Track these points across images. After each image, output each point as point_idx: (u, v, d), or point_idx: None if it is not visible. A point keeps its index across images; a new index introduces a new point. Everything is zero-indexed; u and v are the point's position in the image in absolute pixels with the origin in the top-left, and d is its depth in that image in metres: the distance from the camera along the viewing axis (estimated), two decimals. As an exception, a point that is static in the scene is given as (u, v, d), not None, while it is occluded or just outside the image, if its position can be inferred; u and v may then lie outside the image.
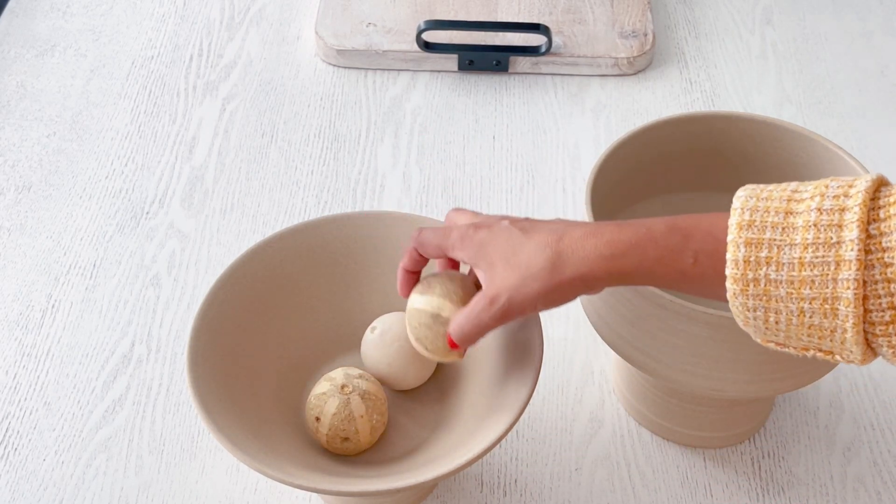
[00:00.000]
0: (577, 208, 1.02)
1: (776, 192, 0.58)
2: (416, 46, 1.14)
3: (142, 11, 1.24)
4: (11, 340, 0.91)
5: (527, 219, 0.68)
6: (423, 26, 1.12)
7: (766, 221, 0.57)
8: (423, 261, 0.73)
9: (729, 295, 0.58)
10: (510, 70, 1.16)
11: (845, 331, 0.56)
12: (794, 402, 0.87)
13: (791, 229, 0.56)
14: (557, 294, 0.64)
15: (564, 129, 1.10)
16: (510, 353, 0.76)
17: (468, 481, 0.82)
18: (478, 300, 0.67)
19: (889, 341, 0.56)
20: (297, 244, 0.82)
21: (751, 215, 0.58)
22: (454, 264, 0.75)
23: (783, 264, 0.56)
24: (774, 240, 0.57)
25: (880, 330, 0.56)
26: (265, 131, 1.10)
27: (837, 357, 0.59)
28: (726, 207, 0.60)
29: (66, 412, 0.86)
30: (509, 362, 0.75)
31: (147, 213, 1.02)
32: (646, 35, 1.16)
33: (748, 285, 0.57)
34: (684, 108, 1.12)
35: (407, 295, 0.73)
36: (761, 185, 0.60)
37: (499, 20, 1.19)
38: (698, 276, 0.61)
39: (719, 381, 0.74)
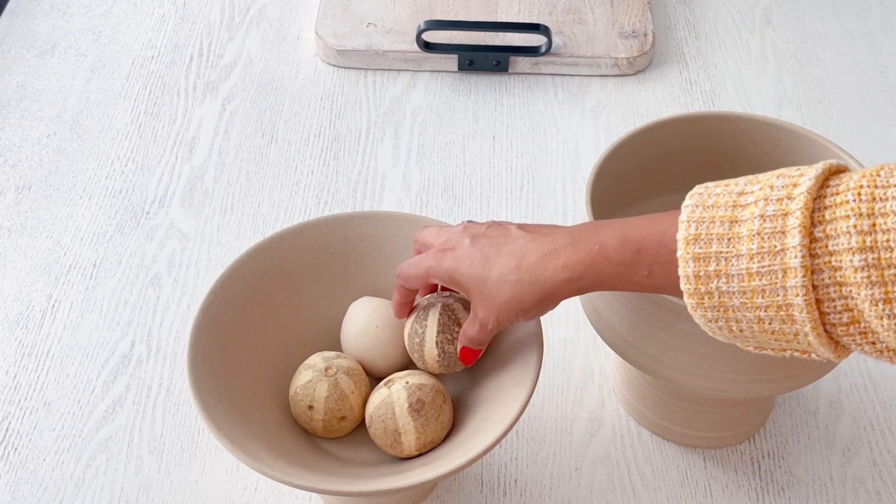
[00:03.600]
0: (577, 208, 1.02)
1: (722, 198, 0.57)
2: (416, 46, 1.14)
3: (142, 11, 1.24)
4: (11, 340, 0.91)
5: (487, 227, 0.70)
6: (423, 26, 1.12)
7: (712, 234, 0.57)
8: (414, 292, 0.76)
9: (689, 309, 0.58)
10: (510, 70, 1.16)
11: (807, 334, 0.55)
12: (794, 402, 0.87)
13: (736, 239, 0.56)
14: (531, 313, 0.68)
15: (564, 129, 1.10)
16: (510, 353, 0.76)
17: (468, 481, 0.82)
18: (472, 319, 0.71)
19: (854, 341, 0.55)
20: (297, 244, 0.82)
21: (696, 228, 0.57)
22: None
23: (732, 276, 0.56)
24: (721, 252, 0.56)
25: (842, 331, 0.55)
26: (265, 131, 1.10)
27: (813, 355, 0.58)
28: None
29: (66, 412, 0.86)
30: (509, 362, 0.75)
31: (147, 213, 1.02)
32: (646, 35, 1.17)
33: (703, 298, 0.57)
34: (684, 108, 1.12)
35: (401, 317, 0.78)
36: (709, 188, 0.59)
37: (499, 20, 1.19)
38: (656, 286, 0.62)
39: (719, 381, 0.74)
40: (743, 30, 1.22)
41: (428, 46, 1.14)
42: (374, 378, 0.80)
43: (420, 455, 0.74)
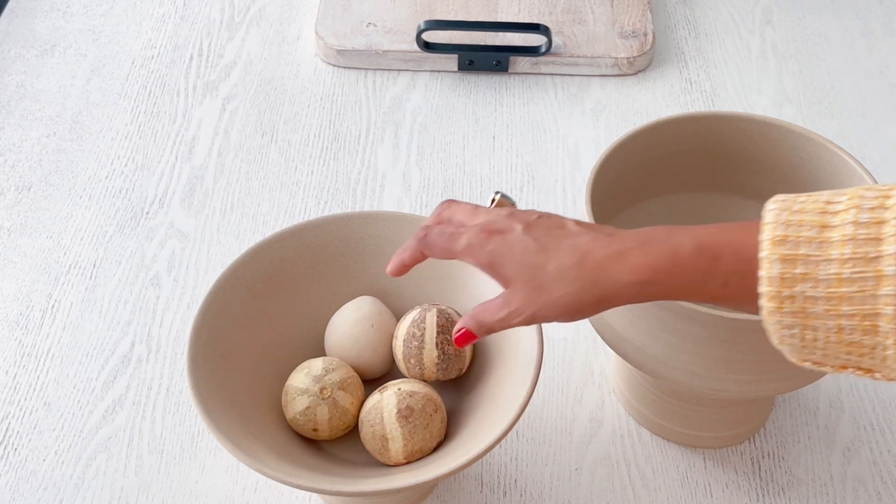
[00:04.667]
0: (577, 208, 1.02)
1: (809, 205, 0.56)
2: (416, 46, 1.14)
3: (142, 11, 1.24)
4: (11, 340, 0.91)
5: (538, 217, 0.66)
6: (423, 26, 1.12)
7: (801, 237, 0.55)
8: (424, 258, 0.71)
9: (764, 313, 0.56)
10: (510, 70, 1.16)
11: (886, 348, 0.54)
12: (794, 402, 0.87)
13: (827, 244, 0.54)
14: (579, 315, 0.64)
15: (564, 129, 1.10)
16: (510, 353, 0.76)
17: (468, 481, 0.82)
18: (501, 305, 0.66)
19: None
20: (297, 244, 0.82)
21: (784, 230, 0.55)
22: None
23: (820, 281, 0.54)
24: (810, 256, 0.54)
25: None
26: (265, 131, 1.10)
27: (877, 375, 0.56)
28: (726, 208, 0.59)
29: (66, 412, 0.86)
30: (509, 362, 0.75)
31: (147, 213, 1.02)
32: (646, 35, 1.16)
33: (784, 302, 0.55)
34: (684, 108, 1.12)
35: (396, 275, 0.72)
36: (791, 197, 0.57)
37: (499, 20, 1.19)
38: (729, 297, 0.59)
39: (719, 381, 0.74)
40: (743, 30, 1.22)
41: (428, 46, 1.14)
42: (365, 379, 0.80)
43: (408, 463, 0.74)
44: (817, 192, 0.57)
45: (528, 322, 0.65)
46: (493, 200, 0.73)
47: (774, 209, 0.57)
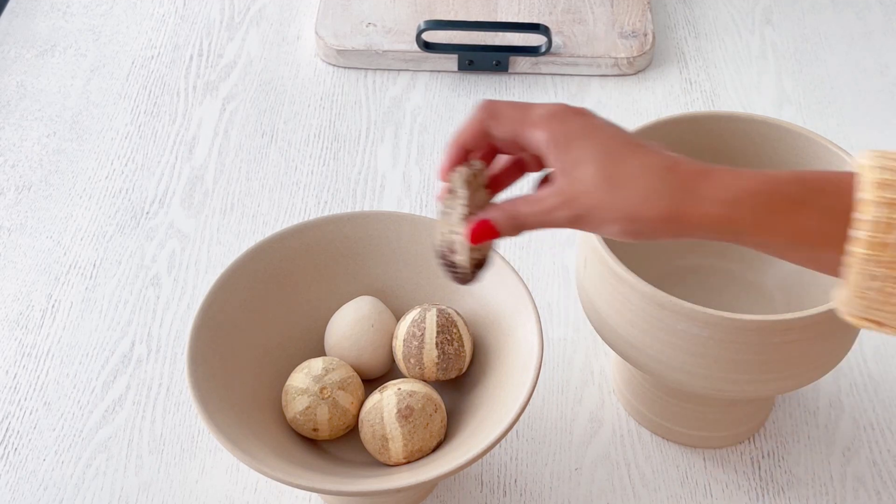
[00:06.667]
0: (577, 208, 1.02)
1: None
2: (416, 46, 1.14)
3: (142, 11, 1.24)
4: (11, 340, 0.91)
5: (609, 122, 0.60)
6: (423, 26, 1.12)
7: None
8: (485, 141, 0.61)
9: (853, 260, 0.53)
10: (510, 70, 1.16)
11: None
12: (794, 402, 0.87)
13: None
14: (640, 228, 0.56)
15: (564, 129, 1.10)
16: (510, 354, 0.76)
17: (468, 481, 0.82)
18: (549, 194, 0.57)
19: None
20: (297, 244, 0.82)
21: (882, 175, 0.52)
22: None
23: None
24: None
25: None
26: (265, 131, 1.10)
27: None
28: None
29: (66, 412, 0.86)
30: (509, 362, 0.75)
31: (147, 213, 1.02)
32: (646, 35, 1.17)
33: (879, 250, 0.52)
34: (684, 108, 1.12)
35: (447, 174, 0.62)
36: (880, 150, 0.54)
37: (499, 20, 1.19)
38: (819, 239, 0.54)
39: (719, 381, 0.74)
40: (743, 30, 1.22)
41: (428, 46, 1.14)
42: (365, 379, 0.80)
43: (408, 463, 0.74)
44: None
45: (572, 221, 0.57)
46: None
47: (870, 155, 0.53)
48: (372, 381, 0.80)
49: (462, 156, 0.61)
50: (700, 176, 0.55)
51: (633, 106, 1.13)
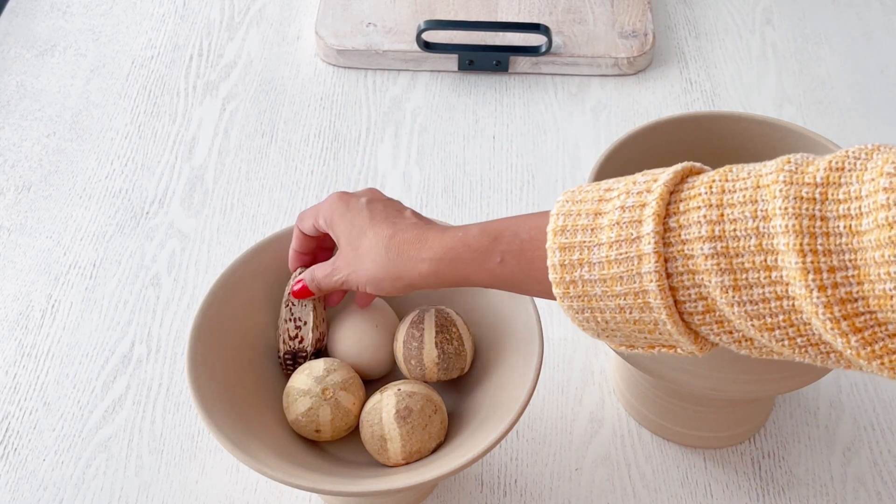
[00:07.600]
0: (577, 208, 1.02)
1: (590, 194, 0.59)
2: (416, 46, 1.14)
3: (142, 11, 1.24)
4: (11, 340, 0.91)
5: (388, 201, 0.72)
6: (423, 26, 1.12)
7: (577, 225, 0.58)
8: (308, 239, 0.76)
9: (557, 300, 0.60)
10: (510, 70, 1.16)
11: (664, 322, 0.56)
12: (794, 402, 0.87)
13: (598, 229, 0.57)
14: (380, 288, 0.69)
15: (564, 129, 1.10)
16: (510, 354, 0.76)
17: (468, 481, 0.82)
18: (329, 262, 0.73)
19: (712, 331, 0.56)
20: (297, 244, 0.82)
21: (564, 220, 0.59)
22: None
23: (594, 264, 0.57)
24: (584, 242, 0.58)
25: (699, 320, 0.56)
26: (265, 131, 1.10)
27: (679, 350, 0.59)
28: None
29: (66, 412, 0.86)
30: (509, 362, 0.75)
31: (147, 213, 1.02)
32: (646, 35, 1.17)
33: (568, 288, 0.58)
34: (684, 108, 1.12)
35: (294, 269, 0.78)
36: (579, 187, 0.61)
37: (499, 20, 1.19)
38: (507, 276, 0.63)
39: (719, 381, 0.74)
40: (743, 30, 1.22)
41: (428, 46, 1.14)
42: (367, 380, 0.80)
43: (407, 464, 0.74)
44: (605, 181, 0.60)
45: (345, 284, 0.71)
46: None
47: (561, 200, 0.60)
48: (375, 382, 0.80)
49: (303, 260, 0.78)
50: (414, 241, 0.67)
51: (633, 106, 1.13)
